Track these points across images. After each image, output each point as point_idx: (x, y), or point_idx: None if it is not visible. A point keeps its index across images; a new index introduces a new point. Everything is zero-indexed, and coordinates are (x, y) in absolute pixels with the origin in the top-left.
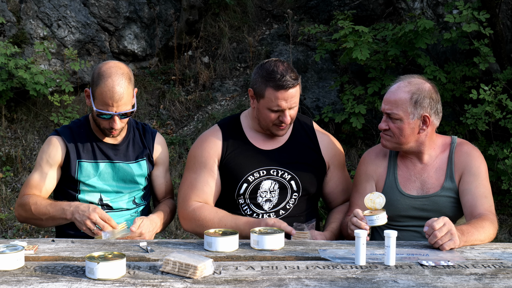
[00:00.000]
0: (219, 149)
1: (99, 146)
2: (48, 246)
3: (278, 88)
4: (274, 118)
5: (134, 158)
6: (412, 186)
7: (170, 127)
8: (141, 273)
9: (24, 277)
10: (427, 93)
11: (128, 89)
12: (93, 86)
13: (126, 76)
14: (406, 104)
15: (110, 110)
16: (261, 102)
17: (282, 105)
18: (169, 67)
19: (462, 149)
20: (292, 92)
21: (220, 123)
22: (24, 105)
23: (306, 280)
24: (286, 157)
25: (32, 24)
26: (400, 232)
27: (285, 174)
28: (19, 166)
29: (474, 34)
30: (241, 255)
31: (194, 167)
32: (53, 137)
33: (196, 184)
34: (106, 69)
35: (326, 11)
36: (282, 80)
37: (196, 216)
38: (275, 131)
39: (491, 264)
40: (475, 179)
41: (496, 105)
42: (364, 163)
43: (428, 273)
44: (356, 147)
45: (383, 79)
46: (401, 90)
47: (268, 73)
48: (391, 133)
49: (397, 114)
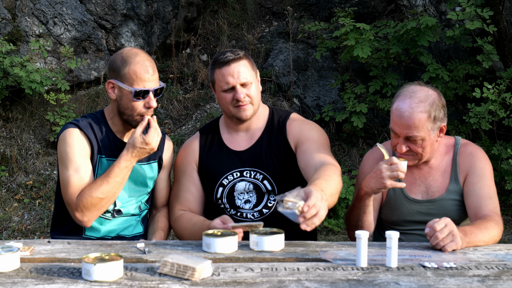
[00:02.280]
0: (196, 155)
1: (117, 144)
2: (44, 247)
3: (220, 65)
4: (229, 99)
5: (147, 159)
6: (417, 190)
7: (168, 126)
8: (139, 275)
9: (20, 279)
10: (439, 102)
11: (155, 65)
12: (121, 71)
13: (148, 54)
14: (426, 124)
15: (147, 86)
16: (216, 88)
17: (230, 81)
18: (167, 65)
19: (467, 150)
20: (236, 67)
21: (201, 128)
22: (19, 103)
23: (306, 282)
24: (257, 156)
25: (27, 21)
26: (406, 237)
27: (257, 174)
28: (14, 166)
29: (477, 31)
30: (240, 256)
31: (176, 175)
32: (75, 129)
33: (178, 192)
34: (129, 51)
35: (327, 8)
36: (223, 57)
37: (176, 226)
38: (237, 114)
39: (495, 266)
40: (480, 180)
41: (500, 104)
42: (366, 164)
43: (431, 275)
44: (358, 146)
45: (384, 77)
46: (415, 111)
47: (215, 59)
48: (413, 153)
49: (419, 135)
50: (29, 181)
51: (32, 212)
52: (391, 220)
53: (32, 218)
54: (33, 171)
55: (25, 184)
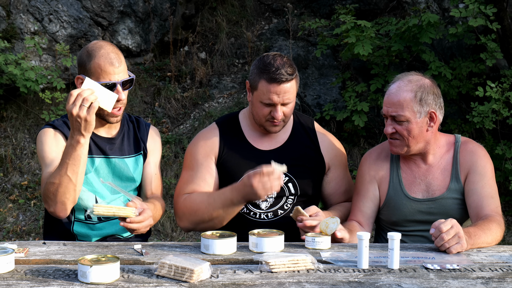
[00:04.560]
0: (216, 148)
1: (94, 140)
2: (39, 248)
3: (270, 81)
4: (266, 113)
5: (129, 152)
6: (417, 188)
7: (166, 126)
8: (136, 276)
9: (14, 281)
10: (430, 88)
11: (122, 56)
12: (87, 65)
13: (115, 46)
14: (411, 103)
15: (112, 79)
16: (255, 95)
17: (274, 99)
18: (164, 63)
19: (467, 147)
20: (286, 87)
21: (218, 122)
22: (14, 102)
23: (306, 284)
24: (284, 158)
25: (22, 18)
26: (407, 238)
27: (283, 175)
28: (9, 166)
29: (480, 29)
30: (239, 258)
31: (191, 164)
32: (49, 129)
33: (192, 179)
34: (93, 45)
35: (327, 5)
36: (276, 73)
37: (187, 204)
38: (268, 127)
39: (499, 268)
40: (481, 179)
41: (504, 103)
42: (365, 164)
43: (434, 277)
44: (359, 146)
45: (386, 75)
46: (402, 89)
47: (264, 65)
48: (400, 136)
49: (404, 115)
50: (24, 181)
51: (27, 213)
52: (391, 221)
53: (27, 219)
54: (28, 171)
55: (20, 185)
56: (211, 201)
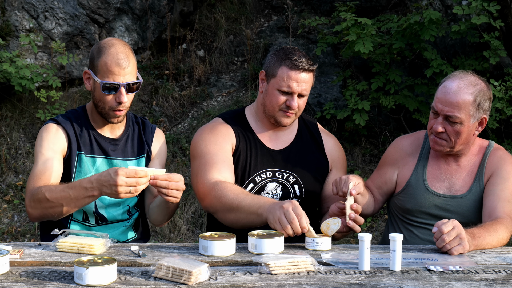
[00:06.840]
0: (234, 140)
1: (97, 140)
2: (35, 250)
3: (292, 67)
4: (281, 101)
5: (132, 154)
6: (440, 185)
7: (163, 125)
8: (133, 278)
9: (9, 283)
10: (487, 94)
11: (133, 58)
12: (95, 61)
13: (128, 46)
14: (469, 107)
15: (117, 80)
16: (272, 82)
17: (293, 87)
18: (162, 61)
19: (497, 153)
20: (305, 77)
21: (223, 117)
22: (8, 101)
23: (307, 286)
24: (292, 159)
25: (17, 15)
26: (417, 229)
27: (290, 177)
28: (4, 165)
29: (484, 26)
30: (238, 259)
31: (206, 148)
32: (52, 124)
33: (214, 160)
34: (106, 42)
35: (328, 2)
36: (298, 60)
37: (218, 187)
38: (279, 117)
39: (503, 269)
40: (502, 182)
41: (507, 102)
42: (394, 147)
43: (436, 279)
44: (360, 145)
45: (387, 73)
46: (463, 91)
47: (286, 54)
48: (447, 136)
49: (459, 117)
50: (19, 182)
51: (22, 213)
52: (405, 208)
53: (22, 220)
54: (23, 171)
55: (15, 185)
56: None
